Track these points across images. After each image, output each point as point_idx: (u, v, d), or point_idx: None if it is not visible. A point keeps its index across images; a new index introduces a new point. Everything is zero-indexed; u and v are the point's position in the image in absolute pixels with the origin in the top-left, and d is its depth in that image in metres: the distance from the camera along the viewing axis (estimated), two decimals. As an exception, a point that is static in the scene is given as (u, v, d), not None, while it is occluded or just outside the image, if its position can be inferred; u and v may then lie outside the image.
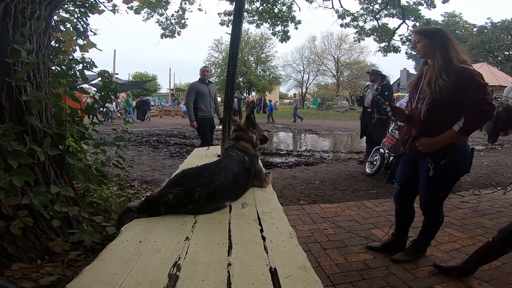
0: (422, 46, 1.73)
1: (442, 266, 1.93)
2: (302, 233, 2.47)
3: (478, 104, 1.57)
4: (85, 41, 2.47)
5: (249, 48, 30.69)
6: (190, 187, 1.32)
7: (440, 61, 1.67)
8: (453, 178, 1.84)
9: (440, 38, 1.69)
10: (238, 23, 2.69)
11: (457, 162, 1.75)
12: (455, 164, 1.75)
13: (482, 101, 1.56)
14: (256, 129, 1.92)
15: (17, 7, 1.65)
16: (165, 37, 7.41)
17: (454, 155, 1.72)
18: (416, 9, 7.29)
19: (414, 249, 2.05)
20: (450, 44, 1.67)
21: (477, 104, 1.57)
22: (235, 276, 0.85)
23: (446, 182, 1.82)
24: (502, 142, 8.08)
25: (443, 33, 1.74)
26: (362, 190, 3.81)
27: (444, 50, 1.66)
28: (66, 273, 1.48)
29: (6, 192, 1.46)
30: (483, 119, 1.62)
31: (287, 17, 8.13)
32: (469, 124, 1.61)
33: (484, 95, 1.57)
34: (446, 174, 1.77)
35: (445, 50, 1.66)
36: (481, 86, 1.59)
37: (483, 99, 1.56)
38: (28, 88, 1.72)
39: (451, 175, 1.79)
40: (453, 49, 1.66)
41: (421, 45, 1.74)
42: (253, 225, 1.22)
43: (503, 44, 24.81)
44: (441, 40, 1.68)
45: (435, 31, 1.76)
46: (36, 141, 1.72)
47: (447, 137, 1.67)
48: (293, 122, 16.35)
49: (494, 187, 3.93)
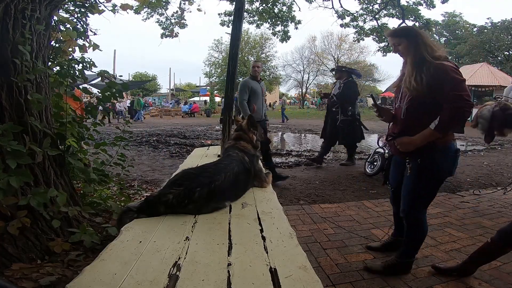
0: (404, 48, 1.70)
1: (441, 267, 1.92)
2: (302, 233, 2.47)
3: (452, 101, 1.51)
4: (85, 41, 2.47)
5: (249, 48, 30.64)
6: (190, 187, 1.32)
7: (413, 59, 1.64)
8: (434, 178, 1.73)
9: (415, 36, 1.66)
10: (238, 23, 2.70)
11: (437, 161, 1.67)
12: (434, 163, 1.68)
13: (456, 97, 1.50)
14: (257, 130, 1.93)
15: (17, 7, 1.65)
16: (165, 37, 7.42)
17: (433, 154, 1.66)
18: (416, 9, 7.29)
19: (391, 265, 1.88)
20: (422, 41, 1.63)
21: (451, 101, 1.52)
22: (235, 276, 0.85)
23: (425, 183, 1.72)
24: (502, 142, 8.08)
25: (416, 31, 1.71)
26: (362, 190, 3.81)
27: (417, 48, 1.63)
28: (66, 273, 1.48)
29: (4, 192, 1.45)
30: (458, 116, 1.54)
31: (287, 17, 8.12)
32: (443, 122, 1.55)
33: (458, 91, 1.51)
34: (425, 174, 1.70)
35: (418, 47, 1.63)
36: (456, 82, 1.53)
37: (457, 95, 1.50)
38: (29, 88, 1.72)
39: (431, 174, 1.71)
40: (427, 46, 1.62)
41: (402, 47, 1.71)
42: (253, 225, 1.22)
43: (503, 44, 24.80)
44: (415, 38, 1.65)
45: (410, 30, 1.74)
46: (36, 141, 1.72)
47: (424, 135, 1.62)
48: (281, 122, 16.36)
49: (494, 187, 3.93)
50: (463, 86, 1.54)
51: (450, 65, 1.57)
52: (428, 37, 1.69)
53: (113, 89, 2.10)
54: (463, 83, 1.55)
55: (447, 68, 1.55)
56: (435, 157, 1.67)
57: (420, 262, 2.03)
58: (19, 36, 1.65)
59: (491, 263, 1.97)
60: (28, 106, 1.70)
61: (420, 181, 1.73)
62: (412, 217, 1.81)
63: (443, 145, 1.67)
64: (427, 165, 1.69)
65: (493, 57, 26.58)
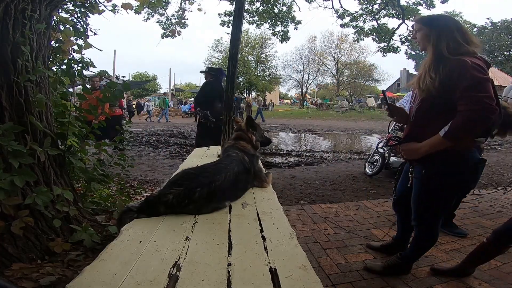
0: (421, 36, 1.48)
1: (439, 269, 1.91)
2: (302, 233, 2.47)
3: (468, 103, 1.27)
4: (84, 41, 2.47)
5: (249, 48, 30.68)
6: (190, 187, 1.32)
7: (431, 55, 1.44)
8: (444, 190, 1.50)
9: (437, 26, 1.42)
10: (238, 23, 2.69)
11: (447, 172, 1.45)
12: (445, 175, 1.45)
13: (474, 98, 1.26)
14: (256, 130, 1.92)
15: (17, 7, 1.65)
16: (165, 37, 7.42)
17: (443, 163, 1.44)
18: (416, 9, 7.29)
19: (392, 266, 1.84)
20: (446, 33, 1.39)
21: (467, 103, 1.28)
22: (235, 276, 0.85)
23: (432, 195, 1.52)
24: (502, 142, 8.08)
25: (442, 19, 1.47)
26: (362, 190, 3.81)
27: (438, 41, 1.41)
28: (66, 273, 1.48)
29: (6, 192, 1.46)
30: (475, 122, 1.29)
31: (287, 17, 8.13)
32: (455, 128, 1.31)
33: (478, 92, 1.26)
34: (432, 186, 1.49)
35: (439, 40, 1.40)
36: (475, 81, 1.27)
37: (475, 96, 1.25)
38: (29, 89, 1.72)
39: (440, 186, 1.48)
40: (450, 39, 1.39)
41: (420, 35, 1.48)
42: (253, 225, 1.22)
43: (503, 44, 24.82)
44: (438, 28, 1.42)
45: (434, 18, 1.51)
46: (36, 141, 1.72)
47: (431, 143, 1.40)
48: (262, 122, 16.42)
49: (494, 187, 3.93)
50: (485, 86, 1.28)
51: (472, 60, 1.32)
52: (462, 30, 1.43)
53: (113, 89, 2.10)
54: (486, 83, 1.29)
55: (466, 65, 1.29)
56: (446, 167, 1.45)
57: (420, 262, 2.03)
58: (19, 36, 1.65)
59: (491, 263, 1.97)
60: (28, 106, 1.71)
61: (427, 193, 1.53)
62: (425, 227, 1.65)
63: (457, 153, 1.43)
64: (433, 176, 1.48)
65: (493, 57, 26.59)
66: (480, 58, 1.39)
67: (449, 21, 1.48)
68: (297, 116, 20.83)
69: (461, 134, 1.34)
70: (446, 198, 1.55)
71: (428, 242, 1.74)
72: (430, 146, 1.41)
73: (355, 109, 24.22)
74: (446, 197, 1.55)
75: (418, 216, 1.64)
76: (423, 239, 1.73)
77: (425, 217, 1.62)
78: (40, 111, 1.81)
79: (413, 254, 1.81)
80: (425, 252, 1.83)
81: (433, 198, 1.53)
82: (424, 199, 1.57)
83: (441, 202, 1.55)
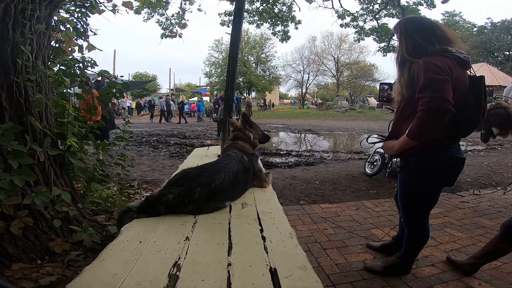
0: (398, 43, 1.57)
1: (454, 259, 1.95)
2: (302, 233, 2.47)
3: (422, 103, 1.33)
4: (86, 41, 2.47)
5: (249, 48, 30.66)
6: (190, 187, 1.32)
7: (396, 58, 1.53)
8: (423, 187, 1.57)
9: (400, 31, 1.51)
10: (238, 23, 2.70)
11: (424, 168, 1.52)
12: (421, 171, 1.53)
13: (426, 99, 1.32)
14: (253, 128, 1.92)
15: (17, 7, 1.65)
16: (165, 37, 7.41)
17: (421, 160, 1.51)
18: (416, 9, 7.29)
19: (392, 266, 1.86)
20: (405, 36, 1.48)
21: (421, 103, 1.33)
22: (235, 276, 0.85)
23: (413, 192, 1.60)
24: (502, 142, 8.08)
25: (403, 23, 1.54)
26: (362, 190, 3.81)
27: (400, 45, 1.50)
28: (66, 273, 1.48)
29: (6, 192, 1.46)
30: (428, 121, 1.33)
31: (287, 17, 8.12)
32: (413, 127, 1.38)
33: (430, 92, 1.31)
34: (411, 182, 1.59)
35: (401, 44, 1.49)
36: (428, 82, 1.32)
37: (427, 97, 1.31)
38: (29, 89, 1.72)
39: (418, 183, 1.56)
40: (409, 42, 1.46)
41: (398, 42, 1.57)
42: (253, 225, 1.22)
43: (503, 44, 24.83)
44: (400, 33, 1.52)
45: (399, 23, 1.56)
46: (36, 141, 1.72)
47: (401, 141, 1.47)
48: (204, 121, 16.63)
49: (494, 187, 3.93)
50: (438, 87, 1.31)
51: (429, 61, 1.37)
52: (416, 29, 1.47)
53: (113, 88, 2.10)
54: (440, 84, 1.32)
55: (420, 66, 1.36)
56: (421, 164, 1.52)
57: (420, 262, 2.03)
58: (19, 36, 1.65)
59: (490, 263, 1.97)
60: (28, 106, 1.70)
61: (407, 189, 1.62)
62: (411, 225, 1.72)
63: (433, 150, 1.49)
64: (411, 173, 1.57)
65: (493, 57, 26.63)
66: (451, 56, 1.42)
67: (408, 23, 1.53)
68: (297, 116, 20.83)
69: (418, 134, 1.39)
70: (423, 193, 1.60)
71: (418, 240, 1.76)
72: (400, 144, 1.49)
73: (355, 109, 24.23)
74: (424, 192, 1.60)
75: (403, 212, 1.72)
76: (412, 237, 1.76)
77: (409, 214, 1.69)
78: (40, 111, 1.81)
79: (406, 253, 1.82)
80: (418, 251, 1.85)
81: (411, 193, 1.62)
82: (404, 193, 1.65)
83: (420, 197, 1.61)
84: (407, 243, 1.80)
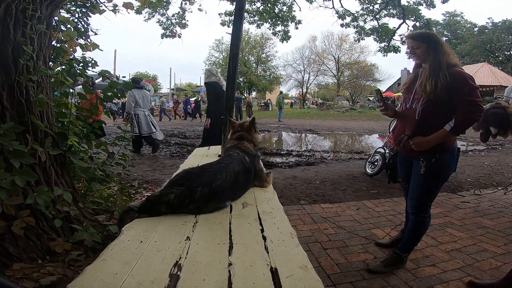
0: (421, 52, 1.81)
1: (477, 283, 1.78)
2: (303, 233, 2.47)
3: (469, 106, 1.65)
4: (87, 41, 2.47)
5: (250, 48, 30.65)
6: (191, 187, 1.32)
7: (432, 65, 1.75)
8: (444, 176, 1.89)
9: (434, 42, 1.78)
10: (238, 23, 2.69)
11: (447, 160, 1.82)
12: (445, 162, 1.82)
13: (473, 103, 1.65)
14: (257, 131, 1.93)
15: (18, 7, 1.66)
16: (165, 37, 7.41)
17: (444, 154, 1.79)
18: (416, 9, 7.28)
19: (393, 260, 1.96)
20: (441, 48, 1.77)
21: (468, 106, 1.65)
22: (236, 276, 0.85)
23: (436, 180, 1.86)
24: (503, 142, 8.07)
25: (436, 37, 1.83)
26: (362, 190, 3.81)
27: (436, 54, 1.76)
28: (67, 273, 1.48)
29: (7, 192, 1.46)
30: (472, 120, 1.70)
31: (287, 17, 8.12)
32: (459, 124, 1.70)
33: (474, 97, 1.66)
34: (437, 172, 1.83)
35: (437, 54, 1.76)
36: (472, 90, 1.67)
37: (473, 101, 1.65)
38: (30, 88, 1.72)
39: (442, 173, 1.85)
40: (444, 53, 1.75)
41: (420, 51, 1.81)
42: (254, 225, 1.22)
43: (504, 44, 24.81)
44: (435, 44, 1.78)
45: (430, 36, 1.83)
46: (37, 141, 1.72)
47: (439, 136, 1.74)
48: None
49: (494, 187, 3.93)
50: (478, 93, 1.69)
51: (466, 73, 1.73)
52: (446, 44, 1.83)
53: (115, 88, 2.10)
54: (477, 91, 1.70)
55: (465, 76, 1.70)
56: (445, 157, 1.80)
57: (420, 262, 2.03)
58: (20, 36, 1.65)
59: (491, 263, 1.98)
60: (29, 106, 1.71)
61: (433, 179, 1.84)
62: (422, 212, 1.90)
63: (451, 145, 1.82)
64: (440, 164, 1.80)
65: (494, 57, 26.58)
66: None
67: (439, 38, 1.84)
68: (297, 116, 20.81)
69: (463, 128, 1.72)
70: (443, 181, 1.91)
71: (424, 228, 1.95)
72: (438, 138, 1.74)
73: (355, 109, 24.21)
74: (443, 180, 1.91)
75: (420, 201, 1.89)
76: (420, 225, 1.93)
77: (427, 200, 1.89)
78: (41, 111, 1.81)
79: (409, 243, 1.98)
80: (419, 240, 2.01)
81: (436, 182, 1.87)
82: (430, 183, 1.85)
83: (440, 185, 1.90)
84: (412, 233, 1.96)
